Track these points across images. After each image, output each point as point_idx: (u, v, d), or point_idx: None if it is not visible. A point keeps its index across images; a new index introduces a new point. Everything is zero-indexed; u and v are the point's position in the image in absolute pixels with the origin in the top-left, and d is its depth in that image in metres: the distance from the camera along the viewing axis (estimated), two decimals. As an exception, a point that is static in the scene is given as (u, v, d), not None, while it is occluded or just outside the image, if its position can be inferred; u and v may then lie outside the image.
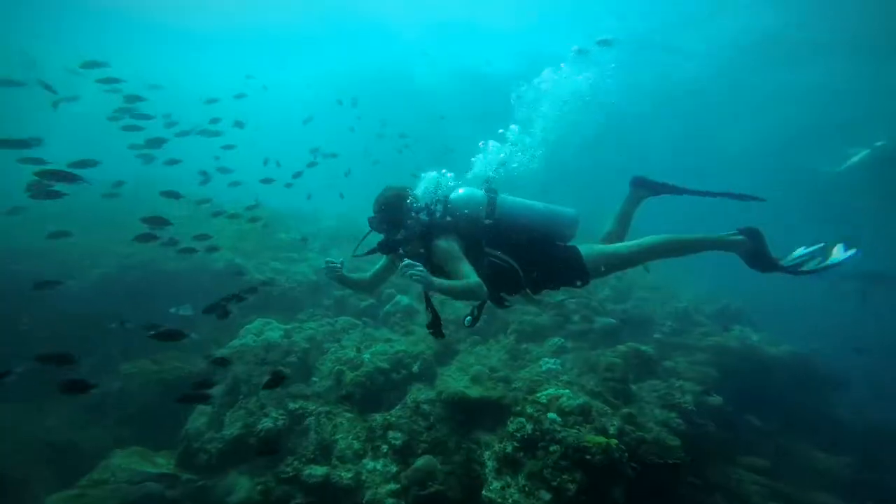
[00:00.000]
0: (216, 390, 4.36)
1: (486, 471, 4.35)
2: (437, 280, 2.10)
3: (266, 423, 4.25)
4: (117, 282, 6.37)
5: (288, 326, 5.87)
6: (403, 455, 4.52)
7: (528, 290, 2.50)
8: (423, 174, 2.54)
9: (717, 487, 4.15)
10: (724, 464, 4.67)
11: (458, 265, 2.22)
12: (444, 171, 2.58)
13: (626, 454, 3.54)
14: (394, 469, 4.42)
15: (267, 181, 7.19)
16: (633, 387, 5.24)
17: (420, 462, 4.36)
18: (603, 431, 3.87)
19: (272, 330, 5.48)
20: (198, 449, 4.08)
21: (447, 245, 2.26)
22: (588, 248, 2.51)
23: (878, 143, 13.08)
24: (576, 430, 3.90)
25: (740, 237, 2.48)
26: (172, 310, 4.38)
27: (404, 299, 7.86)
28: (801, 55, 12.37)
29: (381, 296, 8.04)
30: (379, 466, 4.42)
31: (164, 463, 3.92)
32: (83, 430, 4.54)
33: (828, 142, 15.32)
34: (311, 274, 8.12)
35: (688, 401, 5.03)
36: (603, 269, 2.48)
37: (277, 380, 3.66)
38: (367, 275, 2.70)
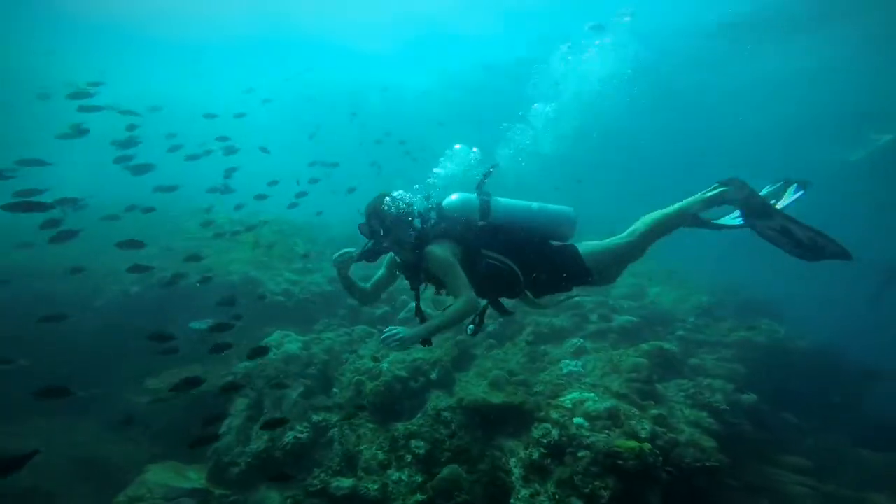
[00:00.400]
0: (240, 404, 4.38)
1: (513, 478, 4.27)
2: (424, 328, 2.12)
3: (290, 437, 4.23)
4: (140, 298, 6.48)
5: (306, 338, 5.88)
6: (427, 464, 4.47)
7: (528, 294, 2.44)
8: (449, 151, 2.51)
9: (759, 490, 3.98)
10: (764, 465, 4.48)
11: (451, 277, 2.19)
12: (473, 148, 2.55)
13: (661, 458, 3.42)
14: (419, 479, 4.37)
15: (261, 197, 7.29)
16: (659, 386, 5.09)
17: (445, 472, 4.30)
18: (634, 435, 3.75)
19: (291, 342, 5.49)
20: (227, 463, 4.10)
21: (441, 252, 2.22)
22: (585, 245, 2.46)
23: None
24: (605, 435, 3.80)
25: (722, 187, 2.42)
26: (193, 325, 4.42)
27: (427, 309, 7.82)
28: (803, 38, 12.05)
29: (395, 303, 8.02)
30: (404, 477, 4.38)
31: (196, 478, 3.95)
32: (114, 445, 4.63)
33: (827, 131, 14.84)
34: (326, 284, 8.15)
35: (719, 399, 4.87)
36: (606, 264, 2.43)
37: (275, 423, 3.69)
38: (368, 284, 2.67)
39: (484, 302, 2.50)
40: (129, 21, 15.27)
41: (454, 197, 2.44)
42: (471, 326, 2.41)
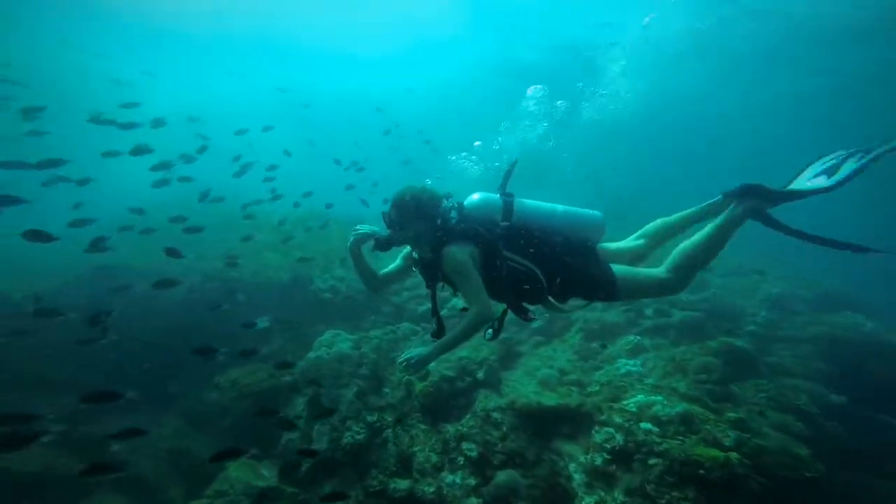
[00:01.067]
0: (299, 403, 4.53)
1: (575, 485, 4.07)
2: (437, 346, 2.13)
3: (349, 438, 4.31)
4: (199, 297, 6.87)
5: (355, 337, 5.96)
6: (480, 467, 4.38)
7: (551, 299, 2.31)
8: (530, 91, 2.37)
9: (868, 507, 3.49)
10: (867, 475, 3.95)
11: (466, 283, 2.11)
12: (558, 102, 2.39)
13: (751, 468, 3.07)
14: (472, 482, 4.29)
15: (297, 205, 7.92)
16: (735, 387, 4.65)
17: (501, 477, 4.17)
18: (715, 442, 3.41)
19: (342, 341, 5.58)
20: (295, 463, 4.23)
21: (459, 255, 2.13)
22: (621, 268, 2.29)
23: None
24: (679, 442, 3.49)
25: (747, 203, 2.13)
26: (250, 321, 4.61)
27: (460, 303, 7.72)
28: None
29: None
30: (458, 480, 4.31)
31: (268, 475, 4.16)
32: (193, 439, 4.98)
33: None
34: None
35: (805, 401, 4.36)
36: (637, 292, 2.30)
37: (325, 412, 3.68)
38: (380, 271, 2.60)
39: (503, 307, 2.40)
40: (136, 14, 15.59)
41: (475, 197, 2.35)
42: (489, 331, 2.30)
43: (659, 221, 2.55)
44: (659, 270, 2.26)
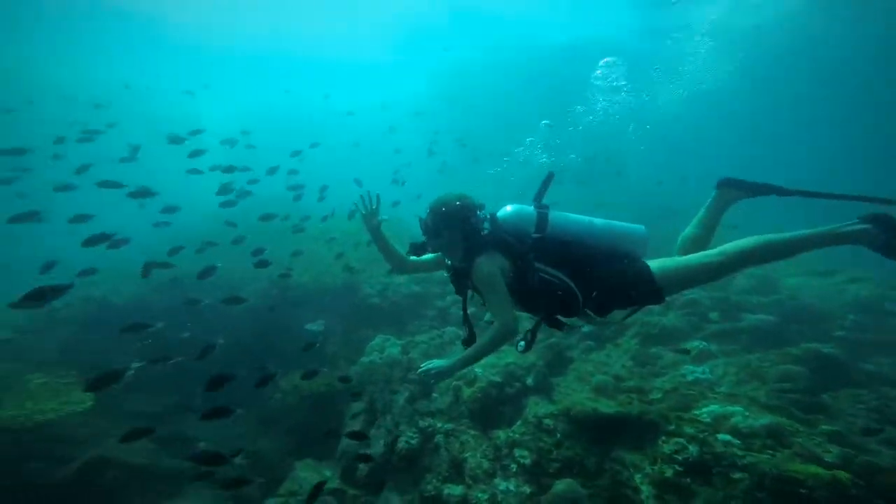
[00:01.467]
0: (355, 408, 4.63)
1: (643, 497, 3.77)
2: (460, 359, 2.14)
3: (403, 443, 4.34)
4: (263, 304, 7.31)
5: (403, 342, 6.02)
6: (534, 474, 4.22)
7: (588, 311, 2.24)
8: (602, 63, 2.35)
9: None
10: None
11: (493, 296, 2.10)
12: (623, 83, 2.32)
13: (866, 489, 2.67)
14: (527, 490, 4.14)
15: (351, 216, 8.12)
16: (825, 397, 4.13)
17: (560, 486, 3.98)
18: (814, 458, 3.01)
19: (392, 346, 5.66)
20: (354, 466, 4.31)
21: (487, 267, 2.12)
22: (660, 263, 2.15)
23: None
24: (768, 456, 3.12)
25: (864, 226, 1.94)
26: (309, 326, 4.79)
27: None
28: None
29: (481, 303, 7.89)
30: (512, 487, 4.18)
31: (330, 476, 4.28)
32: (262, 439, 5.24)
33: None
34: (413, 284, 8.34)
35: (918, 416, 3.77)
36: (677, 284, 2.14)
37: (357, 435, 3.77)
38: (409, 257, 2.62)
39: (536, 318, 2.34)
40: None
41: (509, 208, 2.33)
42: (521, 343, 2.25)
43: (682, 237, 2.45)
44: (707, 254, 2.12)
